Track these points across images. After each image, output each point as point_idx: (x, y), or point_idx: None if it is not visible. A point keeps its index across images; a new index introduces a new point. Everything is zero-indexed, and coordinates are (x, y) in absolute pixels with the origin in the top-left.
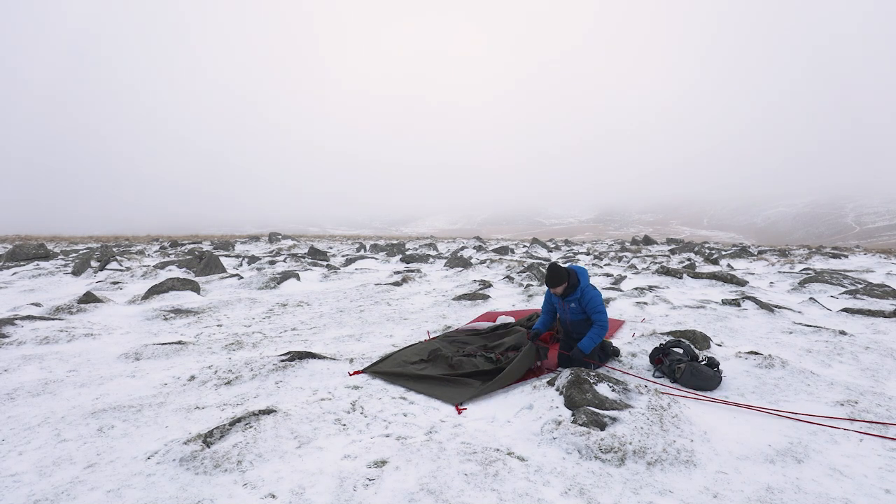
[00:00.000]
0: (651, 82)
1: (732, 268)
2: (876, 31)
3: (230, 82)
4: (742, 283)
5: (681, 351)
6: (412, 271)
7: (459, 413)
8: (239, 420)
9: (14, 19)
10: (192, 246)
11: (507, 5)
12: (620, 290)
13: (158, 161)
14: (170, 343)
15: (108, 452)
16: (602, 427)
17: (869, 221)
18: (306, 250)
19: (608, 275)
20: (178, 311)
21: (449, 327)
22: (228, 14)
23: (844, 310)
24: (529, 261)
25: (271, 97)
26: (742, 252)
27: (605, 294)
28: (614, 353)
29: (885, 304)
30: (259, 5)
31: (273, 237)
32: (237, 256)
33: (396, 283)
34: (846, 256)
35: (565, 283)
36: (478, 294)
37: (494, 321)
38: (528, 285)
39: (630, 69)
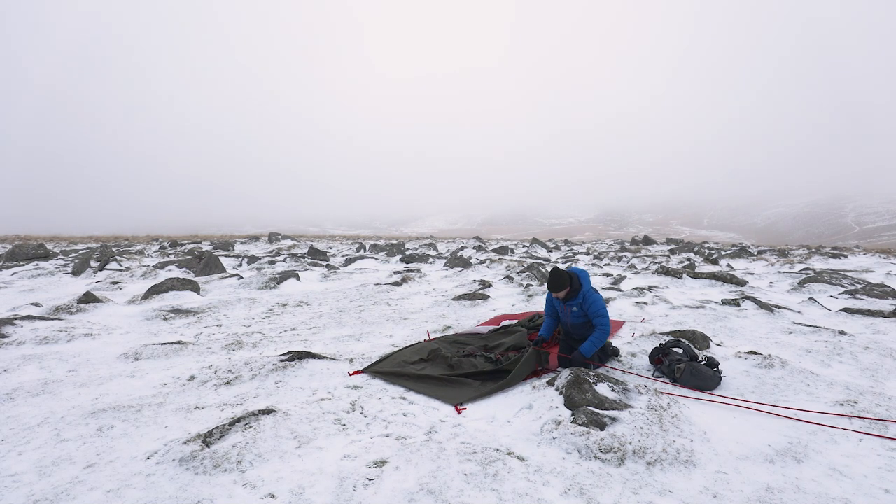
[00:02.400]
0: (645, 78)
1: (732, 268)
2: (874, 21)
3: (240, 73)
4: (742, 283)
5: (680, 351)
6: (412, 271)
7: (459, 413)
8: (239, 420)
9: (15, 4)
10: (191, 246)
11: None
12: (620, 290)
13: (169, 155)
14: (169, 343)
15: (108, 452)
16: (602, 427)
17: (869, 221)
18: (306, 250)
19: (608, 275)
20: (177, 311)
21: (449, 327)
22: (231, 7)
23: (844, 310)
24: (529, 261)
25: (287, 87)
26: (742, 252)
27: (605, 294)
28: (614, 353)
29: (885, 304)
30: None
31: (273, 237)
32: (237, 256)
33: (396, 283)
34: (846, 256)
35: (568, 287)
36: (477, 294)
37: (498, 325)
38: (528, 285)
39: (622, 64)
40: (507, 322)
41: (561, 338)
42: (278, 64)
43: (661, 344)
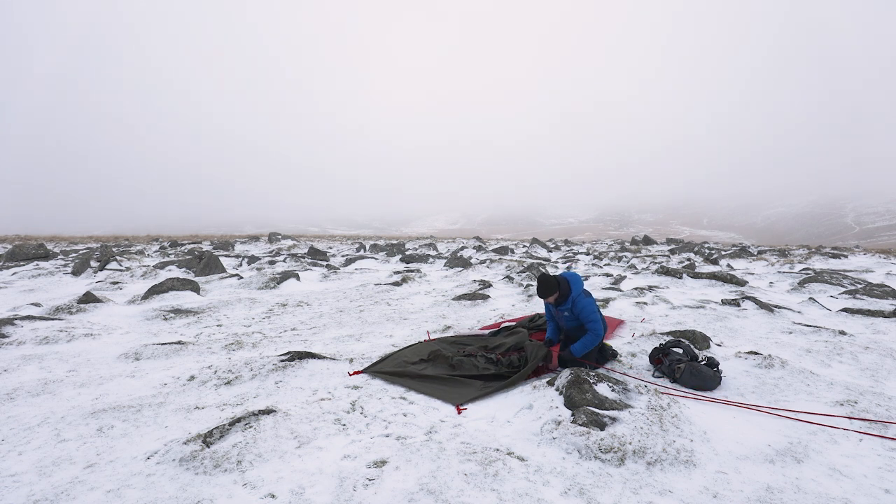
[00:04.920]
0: (635, 72)
1: (732, 268)
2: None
3: (242, 70)
4: (742, 283)
5: (680, 351)
6: (412, 271)
7: (459, 413)
8: (239, 420)
9: None
10: (191, 246)
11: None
12: (620, 290)
13: (174, 152)
14: (169, 343)
15: (108, 452)
16: (602, 427)
17: (869, 221)
18: (306, 250)
19: (608, 275)
20: (177, 311)
21: (449, 327)
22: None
23: (844, 310)
24: (529, 261)
25: (289, 84)
26: (742, 252)
27: (604, 294)
28: (612, 355)
29: (885, 304)
30: None
31: (273, 237)
32: (237, 256)
33: (396, 283)
34: (846, 256)
35: (556, 293)
36: (478, 294)
37: (498, 328)
38: (527, 285)
39: (619, 63)
40: (507, 323)
41: (562, 338)
42: (281, 61)
43: (661, 344)
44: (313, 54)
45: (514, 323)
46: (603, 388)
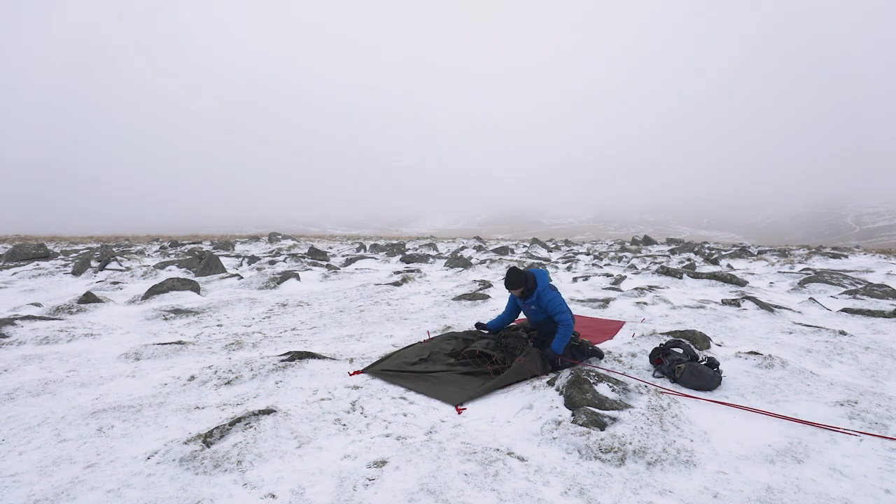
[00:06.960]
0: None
1: (732, 268)
2: (874, 29)
3: (243, 66)
4: (742, 283)
5: (681, 351)
6: (412, 271)
7: (459, 413)
8: (239, 420)
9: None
10: (192, 246)
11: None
12: (620, 291)
13: (176, 150)
14: (170, 343)
15: (108, 452)
16: (602, 427)
17: (869, 221)
18: (306, 250)
19: (608, 275)
20: (178, 311)
21: (449, 327)
22: (211, 10)
23: (844, 310)
24: (529, 261)
25: (288, 79)
26: (742, 252)
27: (604, 294)
28: (595, 353)
29: (885, 305)
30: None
31: (273, 237)
32: (237, 256)
33: (396, 283)
34: (846, 256)
35: (522, 286)
36: (478, 294)
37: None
38: None
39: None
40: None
41: (535, 335)
42: (283, 56)
43: (661, 344)
44: (311, 49)
45: (514, 324)
46: (603, 388)
